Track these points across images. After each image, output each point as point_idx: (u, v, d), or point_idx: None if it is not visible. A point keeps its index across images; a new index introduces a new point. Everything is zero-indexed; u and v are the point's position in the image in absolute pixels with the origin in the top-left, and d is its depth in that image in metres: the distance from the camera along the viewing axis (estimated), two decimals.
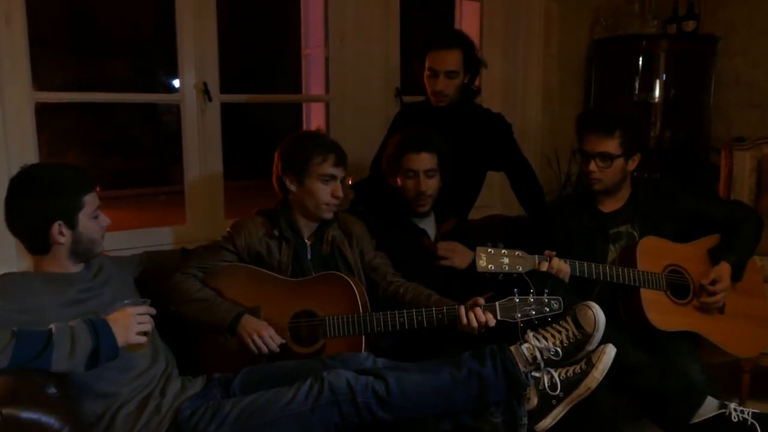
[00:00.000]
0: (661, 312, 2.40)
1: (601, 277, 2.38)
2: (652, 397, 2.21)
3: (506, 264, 2.20)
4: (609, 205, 2.62)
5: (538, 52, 4.14)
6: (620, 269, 2.39)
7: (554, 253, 2.32)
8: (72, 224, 1.90)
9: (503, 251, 2.21)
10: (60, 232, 1.88)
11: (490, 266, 2.18)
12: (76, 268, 1.97)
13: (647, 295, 2.40)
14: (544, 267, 2.29)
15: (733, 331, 2.51)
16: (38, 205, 1.87)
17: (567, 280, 2.32)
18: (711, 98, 4.22)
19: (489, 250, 2.19)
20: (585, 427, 2.07)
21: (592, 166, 2.51)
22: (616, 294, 2.47)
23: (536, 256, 2.28)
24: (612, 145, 2.48)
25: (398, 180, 2.58)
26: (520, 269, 2.22)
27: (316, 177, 2.32)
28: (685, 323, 2.43)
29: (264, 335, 2.16)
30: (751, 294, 2.62)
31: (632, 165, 2.56)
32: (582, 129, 2.56)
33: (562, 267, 2.31)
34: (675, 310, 2.45)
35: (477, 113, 3.02)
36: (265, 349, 2.16)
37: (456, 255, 2.55)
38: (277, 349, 2.17)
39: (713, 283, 2.45)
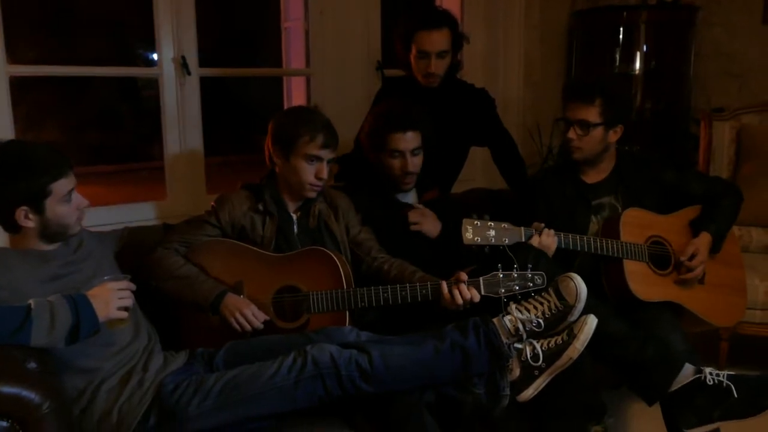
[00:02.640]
0: (643, 283, 2.42)
1: (585, 249, 2.39)
2: (631, 366, 2.23)
3: (492, 236, 2.20)
4: (592, 176, 2.63)
5: (519, 24, 4.12)
6: (604, 241, 2.41)
7: (543, 225, 2.32)
8: (38, 210, 1.84)
9: (489, 223, 2.20)
10: (26, 217, 1.84)
11: (476, 239, 2.17)
12: (52, 246, 1.94)
13: (630, 266, 2.42)
14: (535, 242, 2.29)
15: (713, 301, 2.54)
16: (1, 189, 1.81)
17: (551, 254, 2.33)
18: (691, 69, 4.22)
19: (475, 222, 2.18)
20: (566, 396, 2.10)
21: (571, 133, 2.52)
22: (597, 265, 2.49)
23: (522, 228, 2.28)
24: (591, 113, 2.48)
25: (382, 158, 2.54)
26: (507, 241, 2.22)
27: (302, 156, 2.28)
28: (667, 294, 2.46)
29: (246, 313, 2.15)
30: (730, 264, 2.65)
31: (614, 136, 2.55)
32: (565, 97, 2.58)
33: (547, 242, 2.31)
34: (656, 280, 2.47)
35: (461, 89, 3.01)
36: (248, 327, 2.15)
37: (426, 220, 2.54)
38: (261, 326, 2.17)
39: (691, 258, 2.47)
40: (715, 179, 2.79)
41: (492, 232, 2.20)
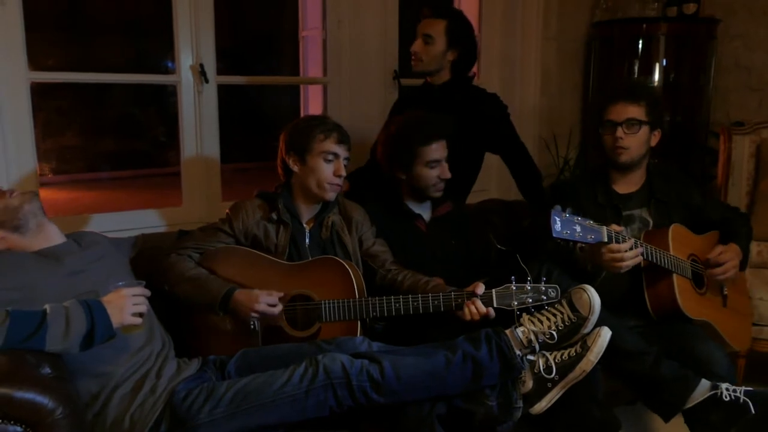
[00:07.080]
0: (689, 298, 2.38)
1: (650, 258, 2.30)
2: (646, 382, 2.21)
3: (578, 232, 2.08)
4: (623, 187, 2.57)
5: (537, 34, 4.10)
6: (660, 251, 2.33)
7: (622, 228, 2.25)
8: None
9: (576, 218, 2.09)
10: None
11: (565, 232, 2.05)
12: (59, 238, 2.00)
13: (678, 281, 2.36)
14: (626, 245, 2.18)
15: (732, 325, 2.53)
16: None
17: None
18: (710, 82, 4.19)
19: (564, 214, 2.06)
20: (579, 410, 2.07)
21: (620, 133, 2.45)
22: (621, 280, 2.45)
23: (605, 228, 2.17)
24: (639, 112, 2.45)
25: (415, 170, 2.52)
26: (592, 239, 2.11)
27: (318, 154, 2.32)
28: (704, 313, 2.42)
29: (260, 300, 2.14)
30: (741, 291, 2.67)
31: (654, 140, 2.52)
32: (607, 101, 2.51)
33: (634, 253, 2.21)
34: (698, 299, 2.43)
35: (471, 93, 3.01)
36: (270, 311, 2.13)
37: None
38: (276, 312, 2.16)
39: (721, 253, 2.43)
40: (731, 207, 2.78)
41: (578, 228, 2.08)
